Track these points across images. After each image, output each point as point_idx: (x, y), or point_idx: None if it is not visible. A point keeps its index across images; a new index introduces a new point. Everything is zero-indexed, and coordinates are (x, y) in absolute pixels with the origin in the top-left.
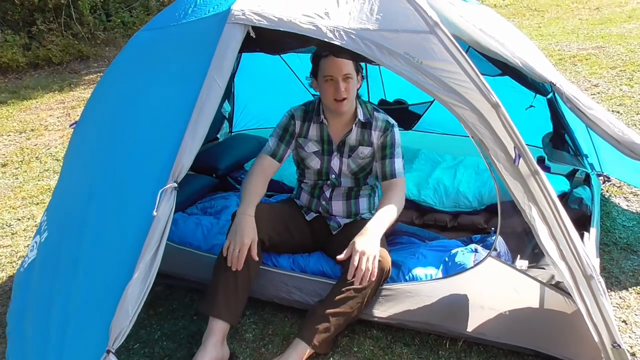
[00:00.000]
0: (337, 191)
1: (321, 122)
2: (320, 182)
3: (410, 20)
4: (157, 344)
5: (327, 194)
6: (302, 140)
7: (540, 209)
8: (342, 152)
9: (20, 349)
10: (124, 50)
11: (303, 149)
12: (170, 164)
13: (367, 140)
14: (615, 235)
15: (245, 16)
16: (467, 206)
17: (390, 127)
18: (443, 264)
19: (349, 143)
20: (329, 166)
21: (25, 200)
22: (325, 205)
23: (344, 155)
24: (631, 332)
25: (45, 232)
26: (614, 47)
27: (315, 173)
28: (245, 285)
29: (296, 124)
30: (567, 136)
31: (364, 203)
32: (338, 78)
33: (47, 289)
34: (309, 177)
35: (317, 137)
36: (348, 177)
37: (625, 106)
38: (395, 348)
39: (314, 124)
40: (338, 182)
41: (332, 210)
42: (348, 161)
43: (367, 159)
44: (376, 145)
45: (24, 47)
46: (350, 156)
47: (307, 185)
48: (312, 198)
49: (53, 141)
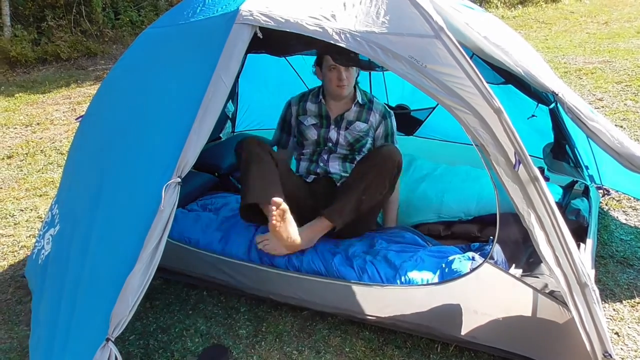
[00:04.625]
0: (334, 156)
1: (320, 101)
2: (319, 149)
3: (416, 25)
4: (152, 336)
5: (325, 156)
6: (302, 117)
7: (538, 215)
8: (339, 125)
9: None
10: (132, 46)
11: (302, 124)
12: (174, 160)
13: (365, 117)
14: (612, 249)
15: (253, 17)
16: (451, 215)
17: (388, 114)
18: (440, 269)
19: (347, 118)
20: (327, 137)
21: (29, 191)
22: (323, 166)
23: (341, 128)
24: (623, 345)
25: (58, 225)
26: (621, 62)
27: (313, 143)
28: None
29: (292, 109)
30: (568, 147)
31: None
32: (341, 68)
33: (58, 280)
34: (307, 147)
35: (316, 112)
36: (344, 146)
37: (629, 121)
38: (387, 350)
39: (312, 103)
40: (335, 149)
41: (329, 169)
42: (345, 133)
43: (363, 132)
44: (375, 125)
45: (33, 43)
46: (347, 129)
47: (305, 155)
48: (311, 162)
49: (58, 135)
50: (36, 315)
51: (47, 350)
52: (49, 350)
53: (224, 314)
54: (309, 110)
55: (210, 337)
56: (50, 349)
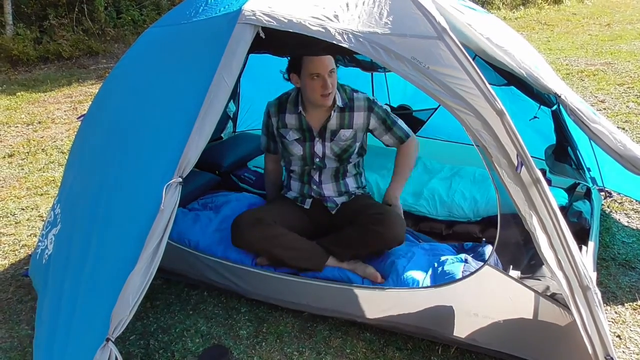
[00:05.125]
0: (325, 174)
1: (299, 112)
2: (307, 168)
3: (419, 26)
4: (153, 336)
5: (316, 178)
6: (283, 130)
7: (540, 218)
8: (324, 137)
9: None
10: (134, 45)
11: (285, 138)
12: (176, 159)
13: (348, 122)
14: (614, 251)
15: (256, 17)
16: (461, 216)
17: (372, 103)
18: (432, 269)
19: (330, 128)
20: (312, 151)
21: (30, 190)
22: (316, 189)
23: (326, 140)
24: (625, 348)
25: (59, 224)
26: (623, 64)
27: (299, 159)
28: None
29: (271, 120)
30: (570, 149)
31: (352, 182)
32: (324, 75)
33: (59, 279)
34: (295, 164)
35: (297, 125)
36: (332, 159)
37: (631, 123)
38: (388, 351)
39: (290, 114)
40: (323, 164)
41: (323, 192)
42: (331, 145)
43: (349, 140)
44: (362, 125)
45: (35, 41)
46: (332, 140)
47: (295, 174)
48: (303, 184)
49: (59, 134)
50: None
51: (47, 350)
52: (50, 350)
53: (224, 314)
54: (289, 124)
55: (211, 338)
56: (51, 348)
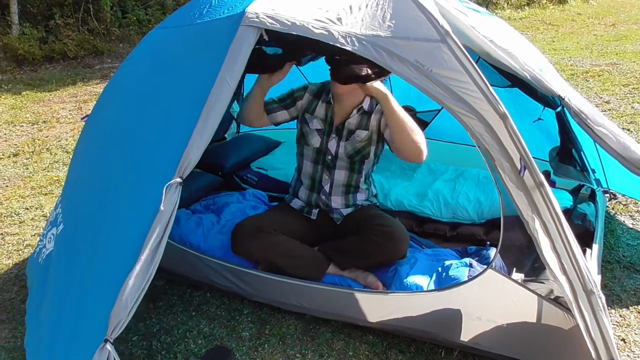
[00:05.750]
0: (336, 187)
1: (329, 101)
2: (319, 168)
3: (422, 29)
4: (155, 337)
5: (327, 188)
6: (308, 116)
7: (544, 221)
8: (340, 135)
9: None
10: (138, 46)
11: (307, 125)
12: (177, 160)
13: (365, 124)
14: (619, 254)
15: (259, 19)
16: (465, 218)
17: None
18: (436, 274)
19: (348, 127)
20: (327, 147)
21: (34, 190)
22: (325, 200)
23: (342, 138)
24: (629, 351)
25: (61, 224)
26: (628, 65)
27: (314, 151)
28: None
29: (305, 96)
30: (575, 151)
31: (362, 195)
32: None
33: (62, 280)
34: (307, 159)
35: (323, 115)
36: (343, 160)
37: (636, 124)
38: (391, 354)
39: (322, 102)
40: (333, 164)
41: (331, 204)
42: (345, 144)
43: (364, 142)
44: (376, 125)
45: (40, 41)
46: (347, 139)
47: (305, 178)
48: (312, 193)
49: (64, 134)
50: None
51: (48, 350)
52: (50, 350)
53: (227, 315)
54: (317, 112)
55: (214, 339)
56: (51, 348)
